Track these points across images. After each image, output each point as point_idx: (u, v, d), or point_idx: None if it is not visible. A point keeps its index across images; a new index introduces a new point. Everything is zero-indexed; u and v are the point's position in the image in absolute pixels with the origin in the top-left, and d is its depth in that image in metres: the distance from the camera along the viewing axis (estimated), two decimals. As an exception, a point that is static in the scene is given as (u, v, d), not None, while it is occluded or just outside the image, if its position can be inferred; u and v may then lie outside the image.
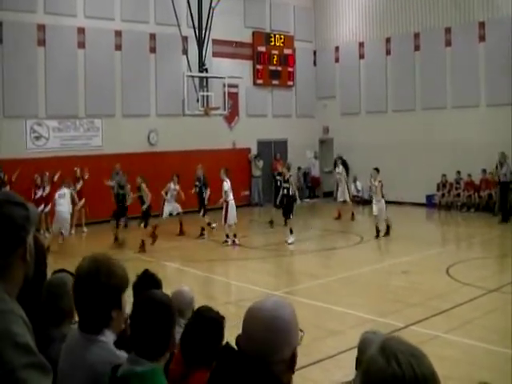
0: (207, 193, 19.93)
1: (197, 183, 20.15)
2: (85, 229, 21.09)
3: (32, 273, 2.19)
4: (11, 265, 2.06)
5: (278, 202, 19.77)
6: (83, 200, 20.99)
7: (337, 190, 24.41)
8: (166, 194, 19.88)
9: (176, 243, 19.10)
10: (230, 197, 18.52)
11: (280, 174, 20.28)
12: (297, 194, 19.51)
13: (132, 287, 4.55)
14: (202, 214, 19.98)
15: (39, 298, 3.68)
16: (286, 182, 19.22)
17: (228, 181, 18.63)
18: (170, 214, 19.95)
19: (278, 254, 17.26)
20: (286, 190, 19.12)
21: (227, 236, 18.51)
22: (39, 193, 20.11)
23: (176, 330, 4.84)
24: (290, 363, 2.18)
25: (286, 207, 18.99)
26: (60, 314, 3.70)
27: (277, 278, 14.90)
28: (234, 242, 18.38)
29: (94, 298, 2.87)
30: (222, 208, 18.69)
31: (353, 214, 22.76)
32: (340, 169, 24.11)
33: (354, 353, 4.23)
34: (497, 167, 22.51)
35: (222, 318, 4.26)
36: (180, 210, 20.05)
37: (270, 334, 2.12)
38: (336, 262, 16.52)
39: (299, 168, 29.68)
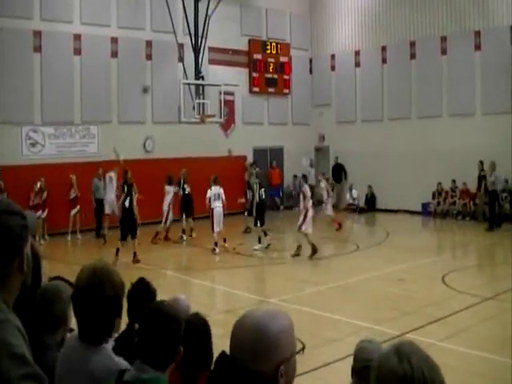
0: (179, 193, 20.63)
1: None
2: (79, 236, 21.03)
3: (30, 282, 2.18)
4: (8, 275, 2.05)
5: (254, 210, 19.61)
6: (78, 207, 21.00)
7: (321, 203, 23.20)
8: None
9: (173, 250, 19.09)
10: (215, 204, 18.39)
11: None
12: (255, 199, 19.28)
13: (126, 296, 4.54)
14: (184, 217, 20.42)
15: (33, 306, 3.67)
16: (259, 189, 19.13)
17: (214, 188, 18.55)
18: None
19: (273, 262, 17.24)
20: (257, 198, 19.08)
21: (215, 244, 18.33)
22: (36, 199, 20.09)
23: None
24: (274, 378, 2.07)
25: (258, 215, 18.92)
26: (54, 321, 3.69)
27: (273, 285, 14.87)
28: (213, 249, 18.23)
29: (98, 310, 2.90)
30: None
31: (340, 225, 22.58)
32: (323, 184, 23.89)
33: (350, 361, 4.22)
34: (479, 177, 22.76)
35: (205, 321, 4.26)
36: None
37: (253, 341, 2.05)
38: (332, 269, 16.51)
39: (295, 176, 29.69)
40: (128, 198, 17.09)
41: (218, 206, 18.37)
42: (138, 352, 2.82)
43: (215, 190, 18.52)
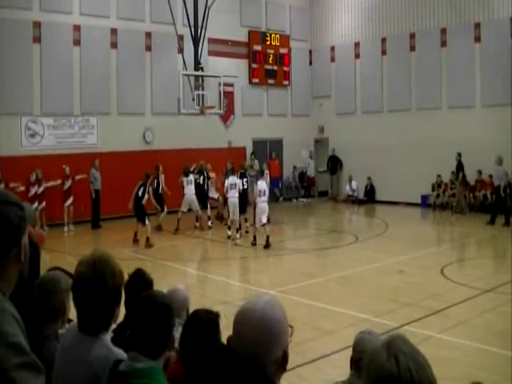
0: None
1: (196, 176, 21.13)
2: (71, 227, 20.95)
3: (27, 272, 2.18)
4: (6, 264, 2.05)
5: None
6: (71, 198, 20.96)
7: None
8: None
9: (173, 242, 19.10)
10: (231, 193, 18.87)
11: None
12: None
13: (124, 286, 4.54)
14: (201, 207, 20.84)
15: (32, 296, 3.67)
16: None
17: (231, 178, 19.09)
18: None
19: (273, 253, 17.23)
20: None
21: (228, 228, 18.97)
22: (33, 190, 20.09)
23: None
24: (282, 362, 2.19)
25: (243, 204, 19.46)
26: (52, 311, 3.69)
27: (272, 276, 14.89)
28: (239, 235, 18.93)
29: (99, 300, 2.93)
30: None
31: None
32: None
33: (349, 352, 4.23)
34: (457, 168, 23.08)
35: (217, 319, 4.24)
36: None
37: (261, 335, 2.13)
38: (331, 261, 16.51)
39: (295, 167, 29.70)
40: (142, 188, 18.12)
41: (232, 196, 18.86)
42: (131, 342, 2.81)
43: (232, 180, 19.01)
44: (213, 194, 21.52)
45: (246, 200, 19.49)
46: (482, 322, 10.32)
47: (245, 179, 19.64)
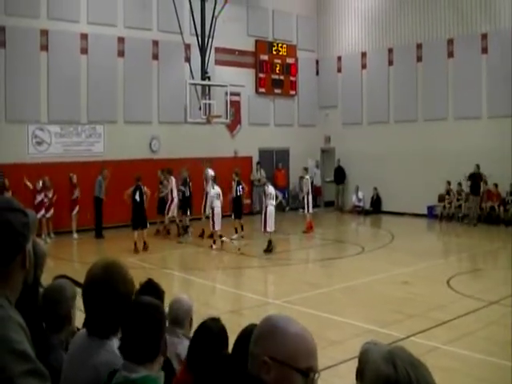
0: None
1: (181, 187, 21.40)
2: (75, 235, 20.92)
3: (32, 279, 2.18)
4: (10, 271, 2.05)
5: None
6: (78, 207, 20.96)
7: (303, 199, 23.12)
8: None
9: (175, 250, 19.10)
10: (215, 203, 19.10)
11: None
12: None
13: (134, 296, 4.53)
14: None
15: (36, 303, 3.66)
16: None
17: (216, 187, 19.44)
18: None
19: (279, 263, 17.21)
20: (234, 193, 20.53)
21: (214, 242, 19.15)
22: (40, 198, 20.10)
23: (174, 341, 4.80)
24: None
25: (234, 209, 20.48)
26: (58, 320, 3.68)
27: (278, 286, 14.86)
28: (211, 246, 18.99)
29: (111, 305, 2.93)
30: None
31: (309, 228, 22.35)
32: (304, 180, 23.53)
33: (354, 363, 4.20)
34: (474, 179, 23.06)
35: (224, 329, 4.23)
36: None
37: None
38: (337, 271, 16.48)
39: (301, 177, 29.59)
40: (138, 193, 18.34)
41: (216, 207, 19.10)
42: (123, 350, 2.75)
43: (217, 190, 19.39)
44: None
45: (240, 206, 20.61)
46: (488, 333, 10.27)
47: (240, 186, 20.59)
